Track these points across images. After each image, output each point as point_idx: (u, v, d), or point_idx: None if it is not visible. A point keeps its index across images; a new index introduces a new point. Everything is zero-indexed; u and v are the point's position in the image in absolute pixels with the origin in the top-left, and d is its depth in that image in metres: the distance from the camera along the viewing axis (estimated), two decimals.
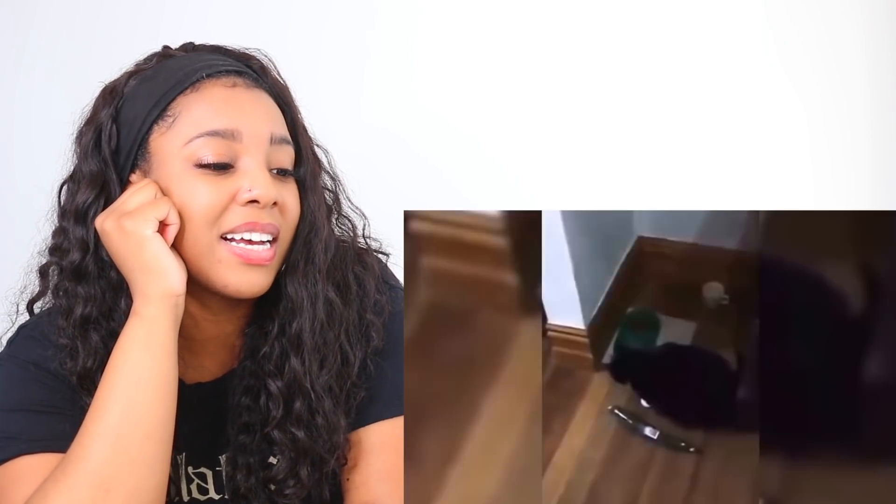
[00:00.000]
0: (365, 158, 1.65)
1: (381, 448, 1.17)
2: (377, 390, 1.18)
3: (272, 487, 1.16)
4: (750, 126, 1.97)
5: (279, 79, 1.18)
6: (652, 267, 1.72)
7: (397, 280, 1.26)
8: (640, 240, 1.72)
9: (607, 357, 1.61)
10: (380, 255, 1.25)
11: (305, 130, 1.19)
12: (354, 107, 1.88)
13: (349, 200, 1.24)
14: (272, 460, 1.16)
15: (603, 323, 1.61)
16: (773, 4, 1.97)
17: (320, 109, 1.22)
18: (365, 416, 1.18)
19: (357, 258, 1.22)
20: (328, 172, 1.22)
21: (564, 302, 1.54)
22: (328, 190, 1.22)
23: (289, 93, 1.18)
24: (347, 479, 1.17)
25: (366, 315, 1.19)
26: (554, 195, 1.94)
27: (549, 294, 1.55)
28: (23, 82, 1.87)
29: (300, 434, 1.13)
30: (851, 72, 1.98)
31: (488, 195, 1.89)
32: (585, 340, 1.58)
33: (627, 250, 1.71)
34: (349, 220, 1.23)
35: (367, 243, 1.25)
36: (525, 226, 1.47)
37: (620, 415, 1.49)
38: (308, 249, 1.15)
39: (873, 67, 1.98)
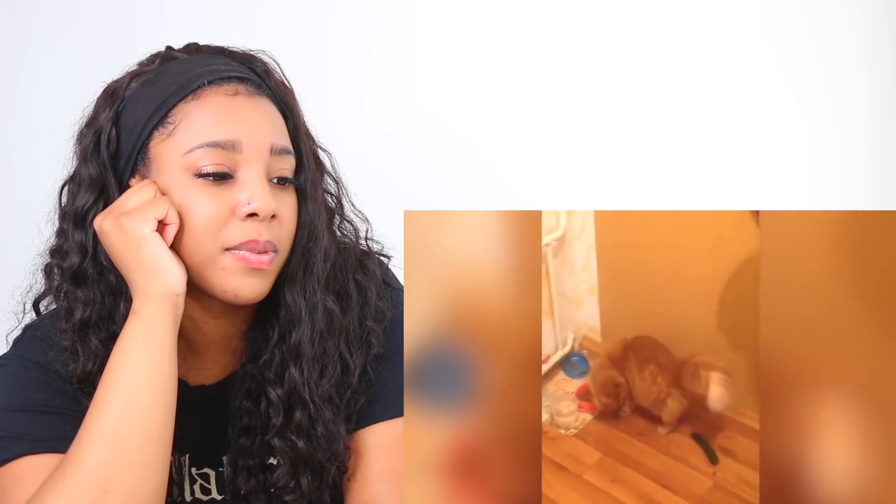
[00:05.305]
0: (367, 160, 1.65)
1: (381, 449, 1.17)
2: (377, 392, 1.18)
3: (272, 491, 1.16)
4: (749, 126, 1.97)
5: (284, 81, 1.17)
6: None
7: (398, 282, 1.25)
8: None
9: None
10: (381, 258, 1.25)
11: (308, 135, 1.18)
12: (357, 109, 1.89)
13: (352, 204, 1.23)
14: (272, 461, 1.16)
15: None
16: (772, 5, 1.97)
17: (323, 111, 1.22)
18: (365, 417, 1.17)
19: (358, 263, 1.21)
20: (331, 175, 1.21)
21: None
22: (330, 194, 1.21)
23: (292, 96, 1.17)
24: (348, 480, 1.17)
25: (366, 322, 1.18)
26: (554, 195, 1.94)
27: None
28: (23, 82, 1.87)
29: (300, 443, 1.13)
30: (851, 72, 1.98)
31: (488, 195, 1.90)
32: None
33: None
34: (351, 224, 1.23)
35: (368, 246, 1.24)
36: None
37: None
38: (307, 258, 1.14)
39: (873, 68, 1.98)
